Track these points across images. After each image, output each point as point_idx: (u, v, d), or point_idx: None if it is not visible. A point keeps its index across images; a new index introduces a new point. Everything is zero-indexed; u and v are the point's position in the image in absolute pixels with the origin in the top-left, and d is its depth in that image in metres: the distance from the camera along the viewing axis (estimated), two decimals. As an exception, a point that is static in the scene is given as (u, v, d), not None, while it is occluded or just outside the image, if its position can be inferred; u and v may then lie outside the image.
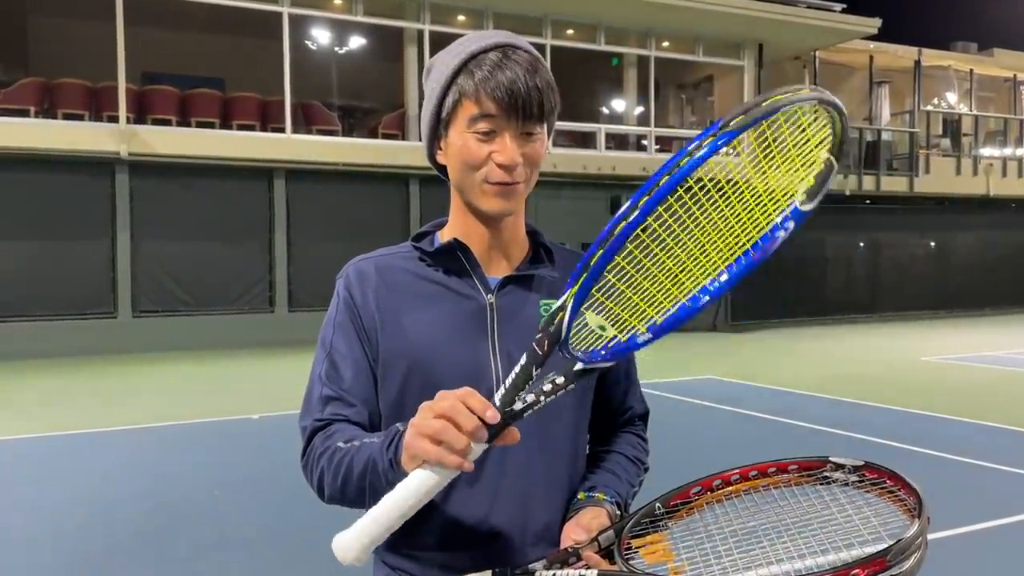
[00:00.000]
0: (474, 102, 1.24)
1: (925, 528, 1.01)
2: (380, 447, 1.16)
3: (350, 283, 1.36)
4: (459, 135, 1.27)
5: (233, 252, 14.46)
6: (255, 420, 8.00)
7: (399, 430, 1.15)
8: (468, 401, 1.04)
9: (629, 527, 1.21)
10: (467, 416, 1.03)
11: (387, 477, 1.14)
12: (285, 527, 4.76)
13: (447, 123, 1.29)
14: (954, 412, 8.14)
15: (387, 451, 1.14)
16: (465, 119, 1.26)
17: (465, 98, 1.25)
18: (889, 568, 0.96)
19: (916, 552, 0.99)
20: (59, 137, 13.06)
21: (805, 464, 1.21)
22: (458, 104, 1.26)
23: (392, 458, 1.13)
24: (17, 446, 7.06)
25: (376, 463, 1.16)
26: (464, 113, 1.26)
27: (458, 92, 1.26)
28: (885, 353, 13.48)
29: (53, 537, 4.69)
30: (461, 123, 1.26)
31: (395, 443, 1.14)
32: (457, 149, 1.28)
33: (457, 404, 1.04)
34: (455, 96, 1.26)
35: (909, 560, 0.97)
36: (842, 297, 20.42)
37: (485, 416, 1.04)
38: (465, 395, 1.05)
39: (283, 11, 14.75)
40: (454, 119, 1.28)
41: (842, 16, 18.19)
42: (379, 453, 1.16)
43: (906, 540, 0.98)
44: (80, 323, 13.40)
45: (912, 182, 20.33)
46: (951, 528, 4.58)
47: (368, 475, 1.17)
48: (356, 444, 1.21)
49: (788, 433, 7.28)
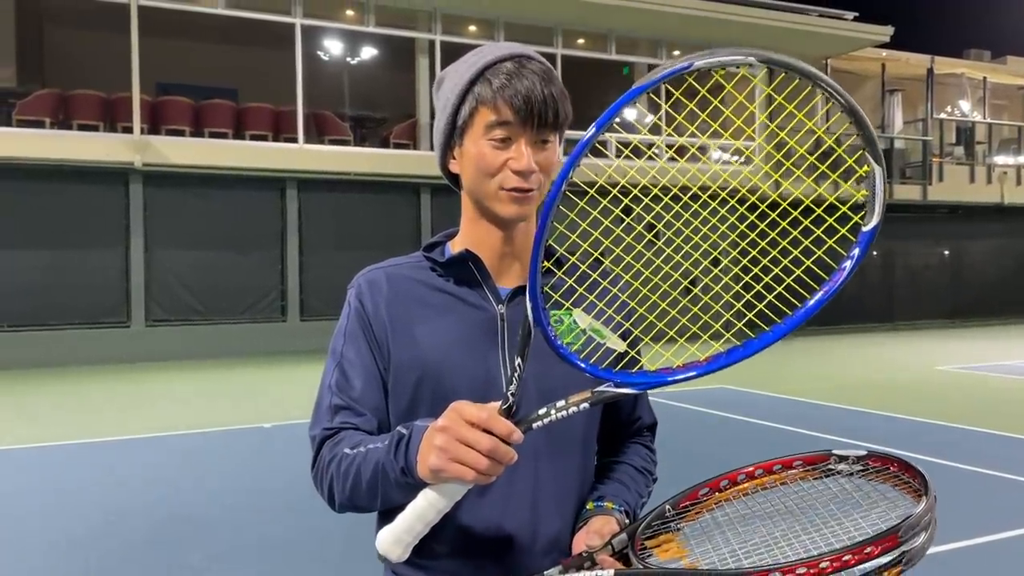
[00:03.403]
0: (492, 109, 1.26)
1: (933, 505, 1.02)
2: (387, 453, 1.17)
3: (361, 293, 1.37)
4: (475, 143, 1.28)
5: (245, 261, 14.54)
6: (267, 429, 8.02)
7: (403, 435, 1.16)
8: (495, 428, 1.07)
9: (641, 529, 1.23)
10: (504, 450, 1.07)
11: (399, 484, 1.16)
12: (297, 536, 4.76)
13: (463, 131, 1.30)
14: (969, 422, 8.08)
15: (395, 458, 1.16)
16: (482, 126, 1.27)
17: (482, 105, 1.27)
18: (901, 544, 0.97)
19: (926, 529, 1.00)
20: (74, 148, 13.18)
21: (809, 459, 1.23)
22: (475, 112, 1.28)
23: (404, 466, 1.14)
24: (31, 454, 7.10)
25: (386, 471, 1.17)
26: (481, 120, 1.27)
27: (475, 100, 1.27)
28: (899, 362, 13.40)
29: (67, 545, 4.71)
30: (477, 130, 1.28)
31: (403, 450, 1.15)
32: (473, 157, 1.29)
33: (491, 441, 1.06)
34: (472, 104, 1.28)
35: (920, 536, 0.99)
36: (855, 306, 20.30)
37: (511, 440, 1.07)
38: (491, 421, 1.07)
39: (296, 22, 14.85)
40: (470, 127, 1.29)
41: (854, 24, 18.15)
42: (387, 461, 1.17)
43: (915, 516, 0.99)
44: (94, 332, 13.49)
45: (926, 190, 20.22)
46: (966, 539, 4.54)
47: (379, 483, 1.19)
48: (362, 450, 1.22)
49: (801, 442, 7.23)
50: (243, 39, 16.14)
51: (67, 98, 13.83)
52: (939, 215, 21.25)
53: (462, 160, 1.32)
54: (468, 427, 1.07)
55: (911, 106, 21.99)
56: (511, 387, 1.11)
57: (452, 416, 1.09)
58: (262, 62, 16.06)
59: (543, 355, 1.16)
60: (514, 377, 1.11)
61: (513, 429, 1.07)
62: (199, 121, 14.59)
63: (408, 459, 1.13)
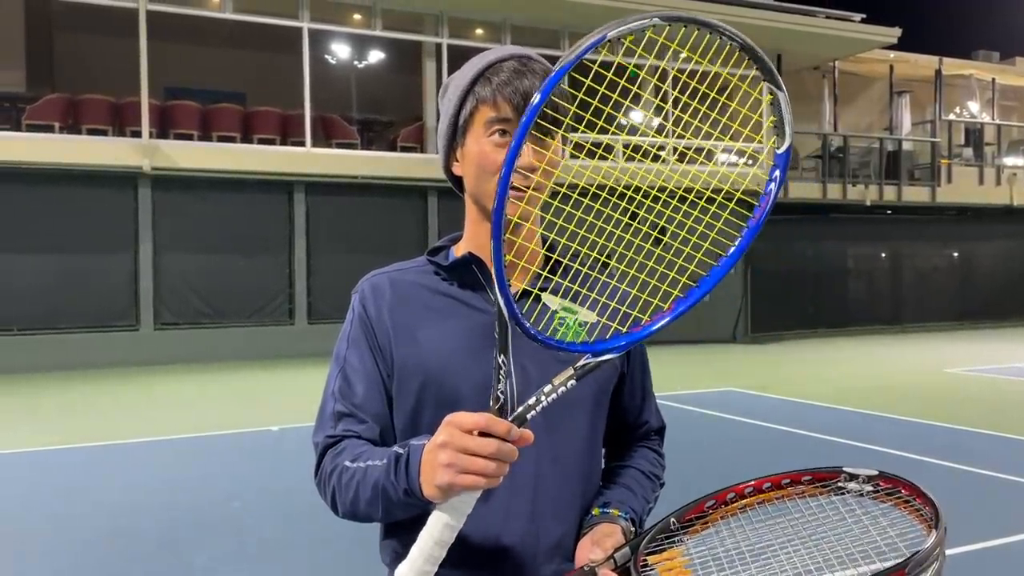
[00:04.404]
0: (491, 106, 1.27)
1: (943, 539, 1.01)
2: (386, 474, 1.17)
3: (365, 298, 1.37)
4: (476, 141, 1.29)
5: (253, 265, 14.58)
6: (275, 432, 8.03)
7: (400, 455, 1.17)
8: (494, 429, 1.07)
9: (645, 543, 1.21)
10: (509, 449, 1.07)
11: (402, 504, 1.16)
12: (304, 538, 4.77)
13: (464, 130, 1.31)
14: (978, 424, 8.04)
15: (396, 480, 1.16)
16: (482, 124, 1.28)
17: (482, 104, 1.28)
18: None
19: (934, 563, 0.98)
20: (83, 152, 13.24)
21: (819, 475, 1.21)
22: (475, 110, 1.29)
23: (407, 488, 1.14)
24: (41, 457, 7.13)
25: (386, 491, 1.17)
26: (481, 118, 1.28)
27: (475, 99, 1.29)
28: (907, 365, 13.34)
29: (77, 546, 4.73)
30: (478, 129, 1.29)
31: (404, 471, 1.15)
32: (474, 155, 1.30)
33: (494, 443, 1.06)
34: (472, 103, 1.29)
35: (927, 572, 0.97)
36: (863, 308, 20.23)
37: (511, 437, 1.07)
38: (490, 424, 1.07)
39: (303, 26, 14.90)
40: (471, 126, 1.30)
41: (861, 26, 18.09)
42: (388, 482, 1.17)
43: (924, 551, 0.98)
44: (103, 336, 13.54)
45: (934, 192, 20.13)
46: (974, 543, 4.51)
47: (380, 502, 1.19)
48: (361, 466, 1.22)
49: (808, 446, 7.21)
50: (251, 43, 16.19)
51: (76, 103, 13.91)
52: (947, 217, 21.16)
53: (464, 161, 1.33)
54: (468, 436, 1.07)
55: (919, 108, 21.92)
56: (500, 385, 1.11)
57: (449, 430, 1.09)
58: (270, 66, 16.12)
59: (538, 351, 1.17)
60: (500, 375, 1.11)
61: (511, 426, 1.07)
62: (207, 125, 14.65)
63: (410, 481, 1.14)
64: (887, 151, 19.91)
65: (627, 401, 1.47)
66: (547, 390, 1.12)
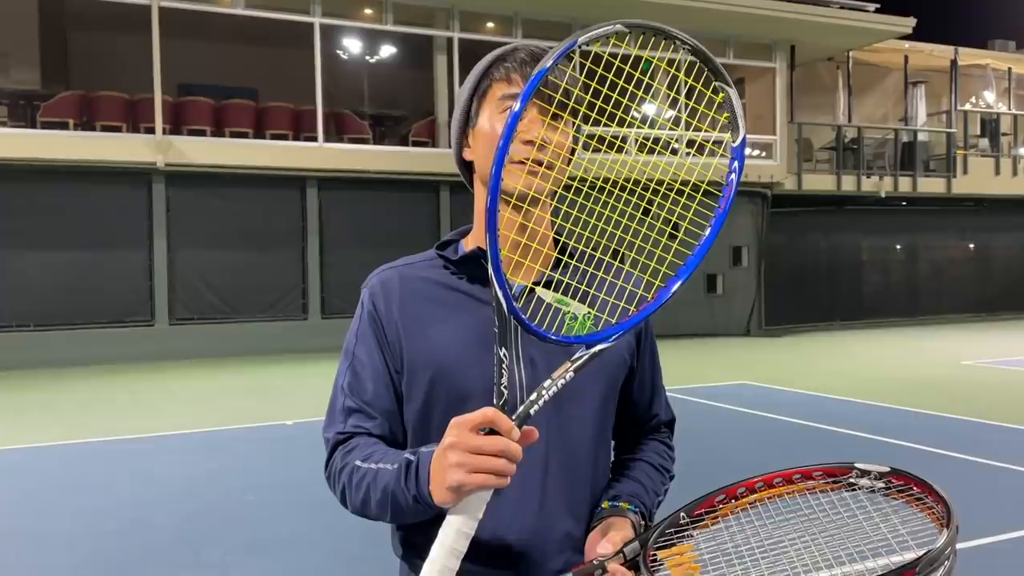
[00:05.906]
0: (505, 82, 1.30)
1: (954, 537, 0.99)
2: (396, 480, 1.18)
3: (374, 293, 1.37)
4: (488, 119, 1.30)
5: (267, 260, 14.65)
6: (289, 426, 8.07)
7: (411, 461, 1.17)
8: (500, 425, 1.07)
9: (654, 538, 1.21)
10: (516, 449, 1.07)
11: (412, 510, 1.17)
12: (318, 532, 4.80)
13: (478, 111, 1.33)
14: (995, 417, 7.98)
15: (406, 486, 1.17)
16: (495, 100, 1.30)
17: (495, 82, 1.31)
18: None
19: (946, 562, 0.97)
20: (97, 149, 13.33)
21: (830, 470, 1.20)
22: (488, 89, 1.31)
23: (416, 495, 1.15)
24: (58, 451, 7.20)
25: (396, 497, 1.18)
26: (493, 96, 1.30)
27: (489, 79, 1.32)
28: (924, 357, 13.25)
29: (93, 540, 4.77)
30: (490, 106, 1.31)
31: (414, 478, 1.16)
32: (486, 133, 1.30)
33: (502, 440, 1.07)
34: (487, 83, 1.32)
35: (939, 571, 0.96)
36: (879, 301, 20.11)
37: (513, 437, 1.08)
38: (496, 419, 1.07)
39: (314, 21, 14.92)
40: (484, 104, 1.32)
41: (876, 16, 17.93)
42: (398, 488, 1.18)
43: (935, 551, 0.96)
44: (118, 331, 13.65)
45: (950, 183, 19.97)
46: (992, 535, 4.48)
47: (389, 506, 1.20)
48: (372, 468, 1.23)
49: (823, 439, 7.18)
50: (263, 39, 16.22)
51: (90, 100, 13.99)
52: (964, 208, 20.98)
53: (475, 141, 1.34)
54: (475, 435, 1.07)
55: (935, 98, 21.72)
56: (502, 380, 1.11)
57: (455, 431, 1.09)
58: (282, 62, 16.14)
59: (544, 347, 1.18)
60: (501, 369, 1.12)
61: (513, 425, 1.08)
62: (220, 121, 14.70)
63: (420, 488, 1.14)
64: (902, 142, 19.76)
65: (637, 395, 1.47)
66: (547, 384, 1.13)
